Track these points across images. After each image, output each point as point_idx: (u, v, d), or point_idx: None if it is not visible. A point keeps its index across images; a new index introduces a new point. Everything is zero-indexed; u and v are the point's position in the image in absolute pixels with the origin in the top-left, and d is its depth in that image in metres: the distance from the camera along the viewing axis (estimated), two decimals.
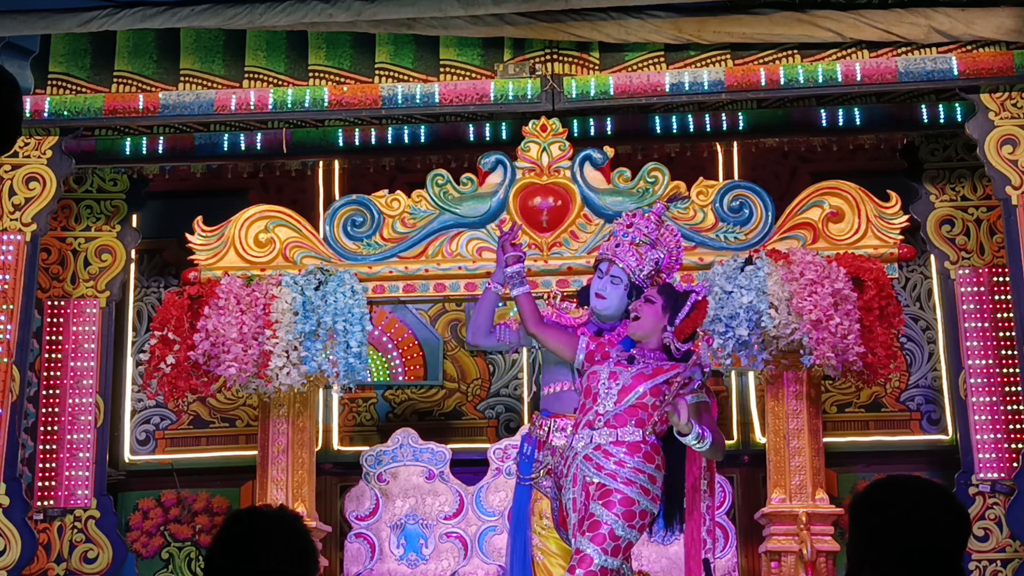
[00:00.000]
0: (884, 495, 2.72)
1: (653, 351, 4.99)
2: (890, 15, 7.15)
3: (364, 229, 7.10)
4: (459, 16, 7.20)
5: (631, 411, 4.88)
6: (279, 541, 2.70)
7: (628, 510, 4.78)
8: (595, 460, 4.85)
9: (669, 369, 4.94)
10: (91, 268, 7.94)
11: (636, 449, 4.85)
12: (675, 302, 4.99)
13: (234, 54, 7.46)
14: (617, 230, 5.42)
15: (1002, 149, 7.04)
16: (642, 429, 4.86)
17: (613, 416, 4.87)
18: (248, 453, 7.62)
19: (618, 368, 4.97)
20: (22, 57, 7.51)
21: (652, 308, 4.96)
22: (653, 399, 4.88)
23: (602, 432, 4.87)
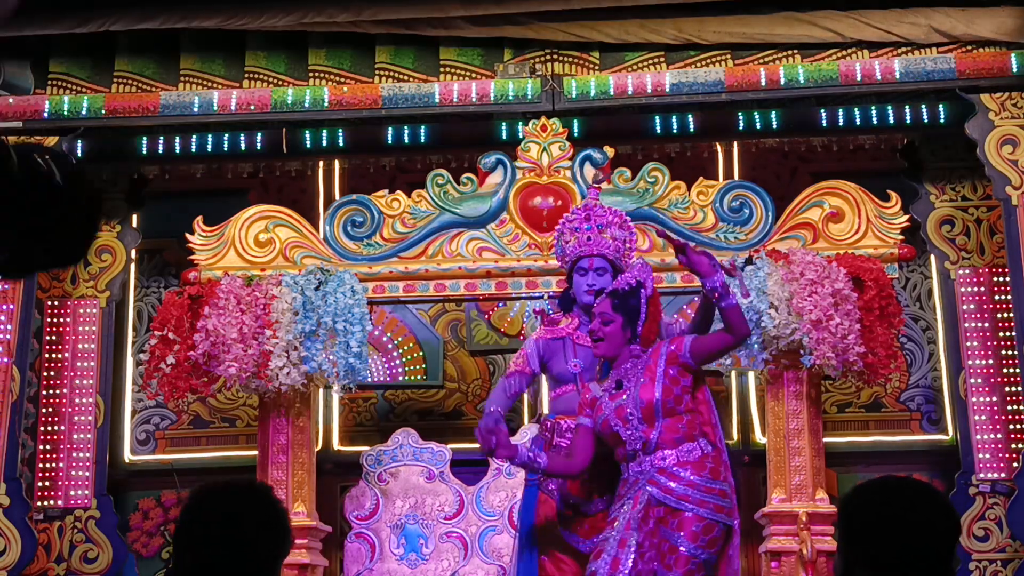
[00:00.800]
0: (877, 496, 2.72)
1: (627, 361, 4.92)
2: (890, 15, 7.16)
3: (364, 229, 7.10)
4: (459, 16, 7.21)
5: (670, 427, 4.78)
6: (248, 513, 2.66)
7: (710, 537, 4.73)
8: (661, 483, 4.77)
9: (654, 357, 4.86)
10: (91, 268, 7.94)
11: (701, 467, 4.77)
12: (630, 310, 4.90)
13: (234, 54, 7.47)
14: (575, 226, 5.40)
15: (1002, 149, 7.04)
16: (696, 441, 4.78)
17: (659, 439, 4.78)
18: (248, 453, 7.62)
19: (617, 401, 4.87)
20: (22, 57, 7.52)
21: (613, 327, 4.90)
22: (671, 397, 4.79)
23: (659, 455, 4.78)
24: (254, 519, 2.65)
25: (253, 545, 2.63)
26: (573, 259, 5.37)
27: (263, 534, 2.65)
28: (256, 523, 2.65)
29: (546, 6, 7.18)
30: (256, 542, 2.64)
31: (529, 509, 5.30)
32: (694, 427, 4.81)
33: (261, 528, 2.65)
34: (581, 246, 5.35)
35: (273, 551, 2.67)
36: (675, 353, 4.84)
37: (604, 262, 5.34)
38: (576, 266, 5.36)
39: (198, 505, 2.69)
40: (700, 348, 4.85)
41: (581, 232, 5.36)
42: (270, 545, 2.66)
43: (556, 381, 5.42)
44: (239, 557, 2.61)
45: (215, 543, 2.62)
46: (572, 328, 5.39)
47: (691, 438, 4.79)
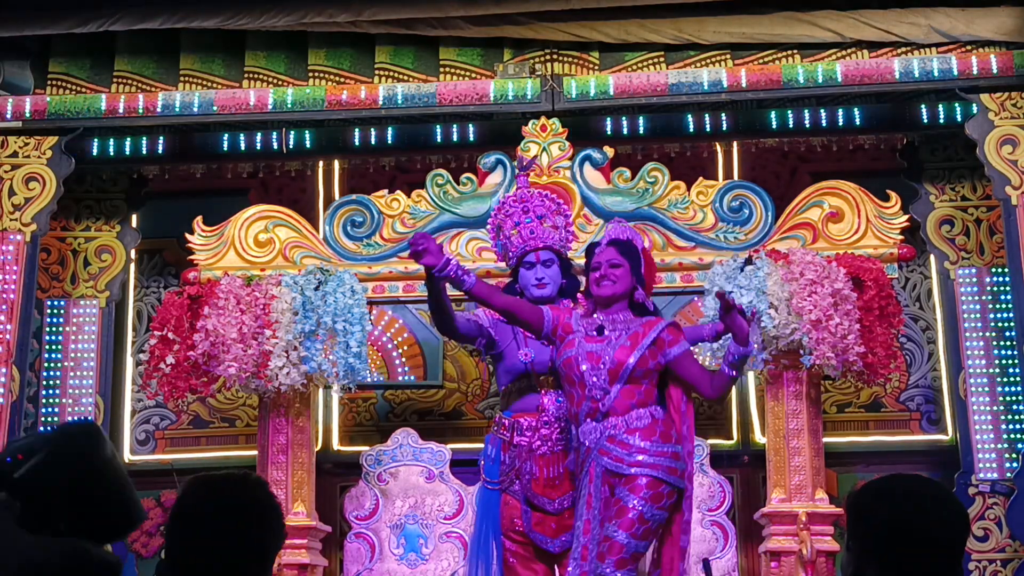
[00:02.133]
0: (889, 494, 2.70)
1: (619, 312, 4.97)
2: (890, 15, 7.15)
3: (364, 229, 7.10)
4: (459, 16, 7.21)
5: (627, 392, 4.86)
6: (241, 505, 2.65)
7: (655, 492, 4.78)
8: (613, 453, 4.83)
9: (646, 329, 4.91)
10: (91, 268, 7.94)
11: (651, 432, 4.84)
12: (634, 260, 5.00)
13: (234, 54, 7.47)
14: (515, 220, 5.35)
15: (1002, 149, 7.04)
16: (647, 408, 4.86)
17: (614, 402, 4.84)
18: (248, 453, 7.62)
19: (592, 344, 4.91)
20: (22, 57, 7.52)
21: (622, 271, 4.96)
22: (643, 368, 4.86)
23: (610, 422, 4.85)
24: (246, 510, 2.65)
25: (245, 536, 2.62)
26: (519, 254, 5.30)
27: (255, 526, 2.64)
28: (248, 515, 2.64)
29: (546, 6, 7.18)
30: (248, 534, 2.63)
31: (491, 511, 5.19)
32: (649, 396, 4.89)
33: (253, 520, 2.64)
34: (526, 240, 5.30)
35: (265, 544, 2.66)
36: (663, 342, 4.91)
37: (550, 253, 5.31)
38: (523, 260, 5.29)
39: (190, 495, 2.69)
40: (684, 366, 4.95)
41: (523, 226, 5.31)
42: (262, 537, 2.65)
43: (507, 373, 5.32)
44: (230, 548, 2.61)
45: (206, 534, 2.61)
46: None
47: (643, 405, 4.86)
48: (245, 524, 2.63)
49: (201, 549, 2.61)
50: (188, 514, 2.66)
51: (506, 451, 5.18)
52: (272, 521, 2.69)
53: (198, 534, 2.62)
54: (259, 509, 2.66)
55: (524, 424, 5.16)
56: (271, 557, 2.68)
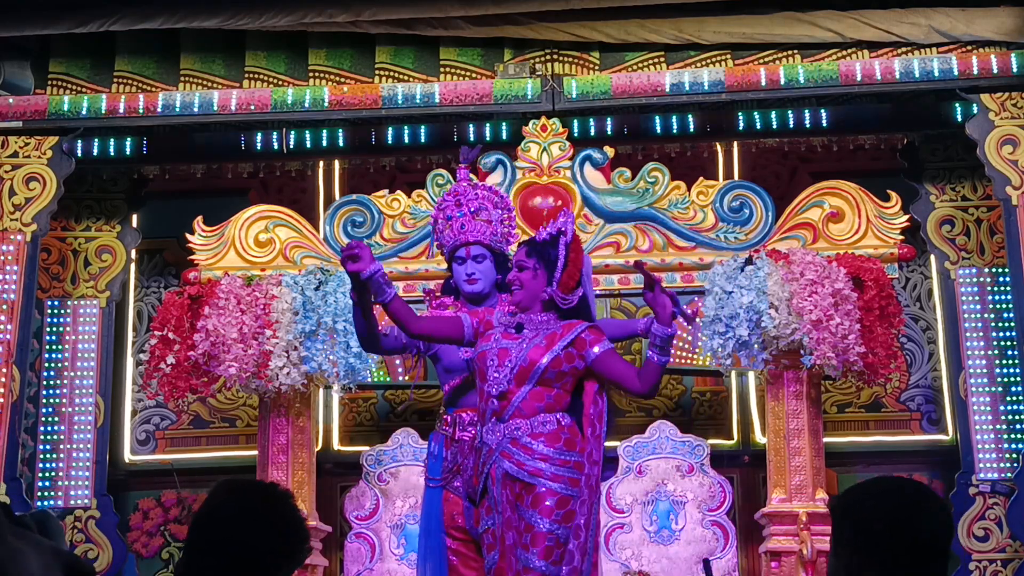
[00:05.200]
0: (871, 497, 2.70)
1: (540, 313, 4.74)
2: (890, 15, 7.16)
3: (364, 229, 7.10)
4: (459, 16, 7.21)
5: (536, 395, 4.64)
6: (266, 517, 2.63)
7: (565, 511, 4.55)
8: (514, 456, 4.63)
9: (565, 331, 4.68)
10: (91, 268, 7.94)
11: (555, 439, 4.61)
12: (547, 256, 4.72)
13: (234, 54, 7.48)
14: (448, 214, 5.21)
15: (1002, 149, 7.04)
16: (554, 413, 4.63)
17: (521, 404, 4.64)
18: (248, 453, 7.62)
19: (507, 341, 4.71)
20: (22, 57, 7.52)
21: (527, 274, 4.72)
22: (556, 370, 4.64)
23: (514, 424, 4.64)
24: (270, 521, 2.63)
25: (264, 547, 2.61)
26: (451, 248, 5.19)
27: (278, 538, 2.63)
28: (273, 526, 2.63)
29: (546, 6, 7.18)
30: (268, 545, 2.61)
31: (434, 509, 5.12)
32: (559, 402, 4.65)
33: (277, 531, 2.63)
34: (456, 235, 5.18)
35: (283, 557, 2.64)
36: (584, 343, 4.66)
37: (481, 248, 5.18)
38: (454, 255, 5.19)
39: (217, 498, 2.68)
40: (607, 364, 4.67)
41: (454, 220, 5.19)
42: (282, 550, 2.63)
43: (447, 372, 5.21)
44: (248, 557, 2.60)
45: (228, 538, 2.60)
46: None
47: (551, 410, 4.64)
48: (267, 534, 2.61)
49: (220, 553, 2.60)
50: (212, 516, 2.65)
51: (448, 447, 5.09)
52: (299, 535, 2.66)
53: (219, 538, 2.61)
54: (284, 521, 2.64)
55: (467, 419, 5.05)
56: (290, 570, 2.66)
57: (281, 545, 2.64)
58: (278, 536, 2.63)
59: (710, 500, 7.18)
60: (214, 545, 2.61)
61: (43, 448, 7.64)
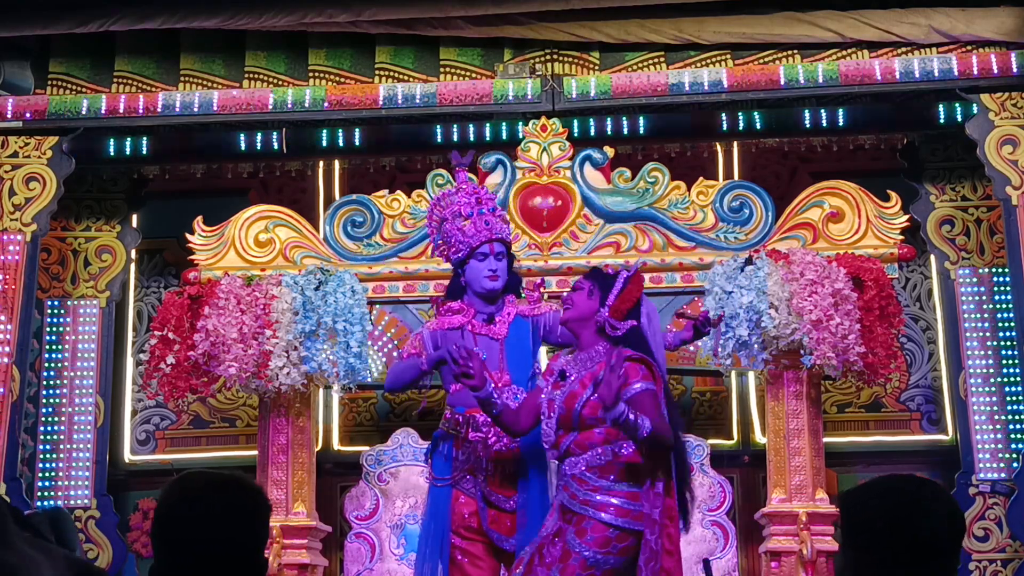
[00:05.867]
0: (881, 496, 2.69)
1: (591, 344, 4.74)
2: (890, 15, 7.16)
3: (364, 229, 7.10)
4: (459, 16, 7.21)
5: (586, 436, 4.63)
6: (221, 509, 2.61)
7: (602, 536, 4.54)
8: (571, 488, 4.64)
9: (599, 369, 4.63)
10: (91, 268, 7.94)
11: (609, 470, 4.60)
12: (603, 282, 4.77)
13: (234, 54, 7.48)
14: (465, 212, 5.25)
15: (1002, 149, 7.04)
16: (611, 445, 4.60)
17: (571, 446, 4.64)
18: (248, 453, 7.62)
19: (555, 391, 4.73)
20: (22, 57, 7.52)
21: (580, 294, 4.77)
22: (594, 416, 4.60)
23: (570, 461, 4.66)
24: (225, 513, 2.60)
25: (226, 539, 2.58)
26: (473, 244, 5.21)
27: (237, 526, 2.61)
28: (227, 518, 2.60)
29: (546, 6, 7.18)
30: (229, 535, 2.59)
31: (441, 509, 5.12)
32: (615, 434, 4.60)
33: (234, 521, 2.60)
34: (480, 231, 5.22)
35: (251, 539, 2.62)
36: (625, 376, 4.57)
37: (502, 246, 5.25)
38: (475, 252, 5.21)
39: (168, 503, 2.65)
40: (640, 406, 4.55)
41: (476, 217, 5.23)
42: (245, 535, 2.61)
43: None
44: (216, 552, 2.58)
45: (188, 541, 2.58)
46: (468, 318, 5.25)
47: (606, 443, 4.62)
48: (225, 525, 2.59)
49: (186, 552, 2.58)
50: (168, 517, 2.63)
51: (459, 447, 5.11)
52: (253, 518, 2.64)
53: (180, 538, 2.59)
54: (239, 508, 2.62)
55: (480, 419, 5.07)
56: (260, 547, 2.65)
57: (242, 531, 2.62)
58: (237, 524, 2.61)
59: (710, 500, 7.19)
60: (176, 546, 2.60)
61: (43, 448, 7.64)
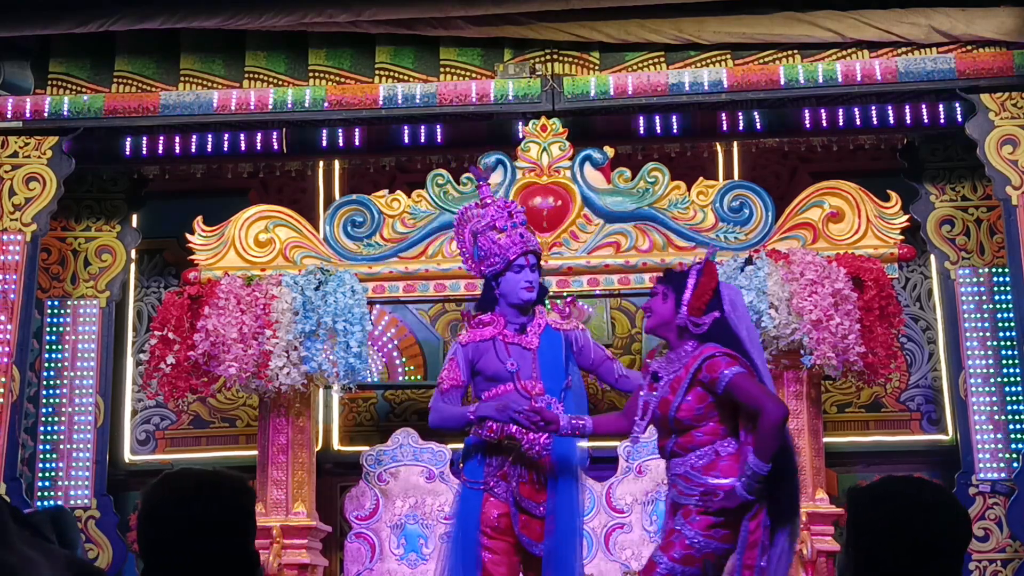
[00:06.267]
0: (887, 498, 2.69)
1: (678, 345, 4.74)
2: (890, 15, 7.16)
3: (364, 229, 7.10)
4: (459, 16, 7.21)
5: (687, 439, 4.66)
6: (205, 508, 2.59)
7: (706, 521, 4.57)
8: (679, 486, 4.70)
9: (685, 372, 4.65)
10: (91, 268, 7.94)
11: (712, 468, 4.63)
12: (676, 283, 4.76)
13: (234, 54, 7.48)
14: (500, 225, 5.28)
15: (1002, 149, 7.04)
16: (713, 444, 4.64)
17: (674, 448, 4.70)
18: (248, 453, 7.62)
19: (649, 395, 4.78)
20: (22, 57, 7.53)
21: (655, 300, 4.79)
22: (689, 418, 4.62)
23: (674, 463, 4.71)
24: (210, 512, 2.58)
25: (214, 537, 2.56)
26: (510, 257, 5.24)
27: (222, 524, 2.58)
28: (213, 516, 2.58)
29: (546, 6, 7.18)
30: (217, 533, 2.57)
31: (472, 512, 5.13)
32: (716, 433, 4.64)
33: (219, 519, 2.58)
34: (516, 243, 5.25)
35: (239, 536, 2.60)
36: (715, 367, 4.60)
37: (535, 258, 5.28)
38: (512, 264, 5.24)
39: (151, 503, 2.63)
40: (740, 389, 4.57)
41: (510, 230, 5.28)
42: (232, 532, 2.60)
43: (491, 381, 5.23)
44: (203, 551, 2.56)
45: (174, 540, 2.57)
46: (499, 329, 5.26)
47: (705, 444, 4.66)
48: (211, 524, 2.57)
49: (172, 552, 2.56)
50: (152, 518, 2.60)
51: (493, 454, 5.15)
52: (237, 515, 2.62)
53: (165, 538, 2.57)
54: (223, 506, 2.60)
55: (514, 428, 5.10)
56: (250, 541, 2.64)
57: (229, 526, 2.60)
58: (223, 519, 2.59)
59: None
60: (162, 546, 2.58)
61: (43, 448, 7.64)
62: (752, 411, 4.55)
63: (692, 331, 4.69)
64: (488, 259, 5.29)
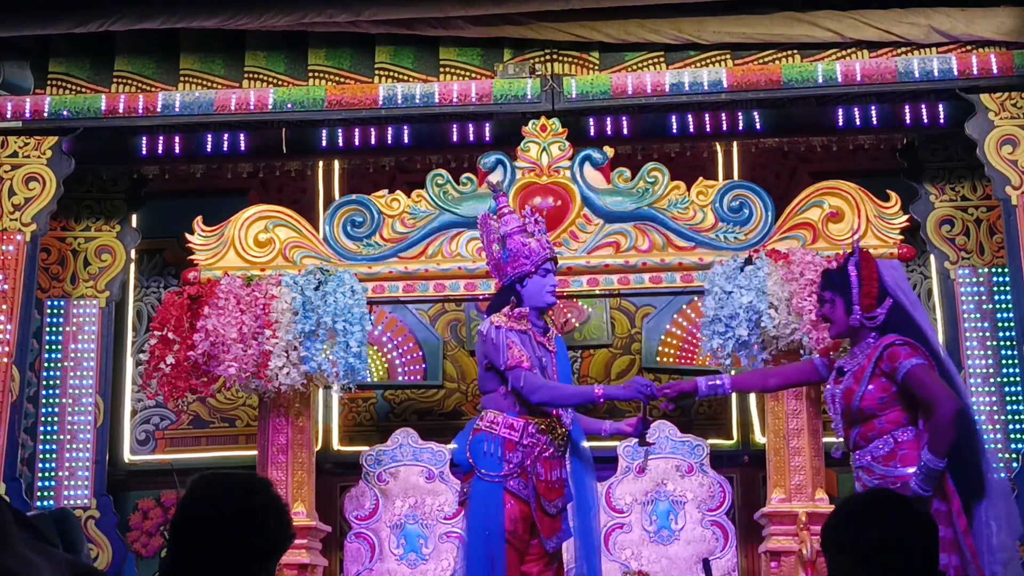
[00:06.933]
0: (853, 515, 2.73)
1: (862, 340, 4.85)
2: (890, 15, 7.16)
3: (364, 229, 7.10)
4: (459, 16, 7.21)
5: (868, 428, 4.76)
6: (245, 511, 2.61)
7: None
8: (862, 479, 4.81)
9: (867, 362, 4.77)
10: (91, 268, 7.94)
11: (891, 458, 4.72)
12: (840, 286, 4.86)
13: (234, 54, 7.48)
14: (530, 230, 5.42)
15: (1002, 149, 7.04)
16: (892, 433, 4.72)
17: (856, 439, 4.80)
18: (248, 453, 7.63)
19: (834, 388, 4.89)
20: (22, 57, 7.52)
21: (827, 308, 4.91)
22: (871, 407, 4.73)
23: (858, 455, 4.82)
24: (249, 512, 2.61)
25: (245, 538, 2.59)
26: (539, 261, 5.35)
27: (257, 527, 2.60)
28: (251, 516, 2.61)
29: (546, 6, 7.18)
30: (249, 535, 2.60)
31: (498, 507, 5.12)
32: (895, 423, 4.75)
33: (256, 522, 2.61)
34: (544, 248, 5.40)
35: (266, 546, 2.63)
36: (895, 357, 4.71)
37: (555, 265, 5.48)
38: (540, 267, 5.36)
39: (193, 495, 2.66)
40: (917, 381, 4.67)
41: (537, 235, 5.42)
42: (263, 539, 2.61)
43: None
44: (230, 549, 2.58)
45: (207, 534, 2.59)
46: (529, 326, 5.32)
47: (885, 433, 4.76)
48: (247, 525, 2.59)
49: (201, 549, 2.59)
50: (190, 514, 2.64)
51: (511, 450, 5.15)
52: (274, 523, 2.64)
53: (199, 534, 2.60)
54: (262, 511, 2.63)
55: (533, 427, 5.17)
56: (273, 559, 2.65)
57: (263, 538, 2.62)
58: (259, 529, 2.61)
59: (710, 500, 7.19)
60: (196, 544, 2.59)
61: (43, 448, 7.64)
62: (926, 403, 4.65)
63: (869, 326, 4.81)
64: (516, 260, 5.39)
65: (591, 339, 8.13)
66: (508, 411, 5.24)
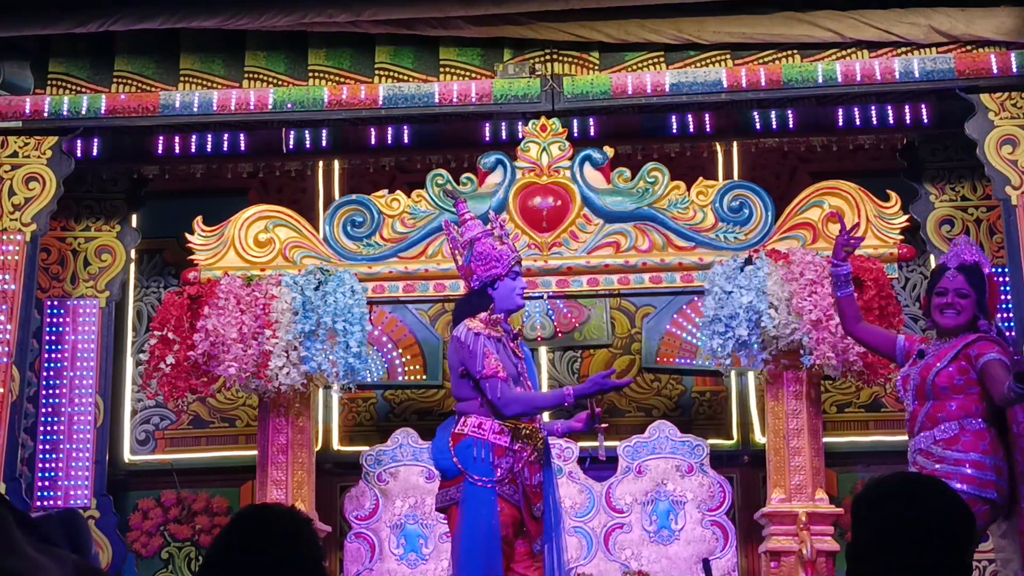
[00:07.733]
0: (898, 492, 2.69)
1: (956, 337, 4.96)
2: (890, 15, 7.15)
3: (364, 229, 7.10)
4: (459, 16, 7.21)
5: (937, 408, 4.89)
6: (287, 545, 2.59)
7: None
8: (919, 463, 4.91)
9: (957, 343, 4.91)
10: (91, 268, 7.94)
11: (954, 442, 4.85)
12: (981, 288, 4.99)
13: (234, 54, 7.47)
14: (499, 233, 5.44)
15: (1002, 149, 7.04)
16: (959, 420, 4.85)
17: (924, 419, 4.90)
18: (248, 453, 7.62)
19: (909, 369, 5.01)
20: (22, 57, 7.52)
21: (969, 300, 4.98)
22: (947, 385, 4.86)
23: (921, 436, 4.92)
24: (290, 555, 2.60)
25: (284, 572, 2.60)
26: (511, 264, 5.35)
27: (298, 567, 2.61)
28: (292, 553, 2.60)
29: (546, 6, 7.18)
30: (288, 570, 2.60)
31: (492, 512, 5.11)
32: (965, 410, 4.86)
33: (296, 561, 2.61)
34: (513, 251, 5.43)
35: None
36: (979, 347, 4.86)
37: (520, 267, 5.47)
38: (511, 269, 5.36)
39: (235, 533, 2.64)
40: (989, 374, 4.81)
41: (506, 239, 5.46)
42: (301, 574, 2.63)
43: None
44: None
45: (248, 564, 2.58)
46: (501, 332, 5.31)
47: (953, 418, 4.87)
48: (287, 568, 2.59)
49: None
50: (232, 548, 2.62)
51: (501, 455, 5.14)
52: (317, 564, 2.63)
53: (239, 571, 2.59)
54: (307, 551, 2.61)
55: (523, 431, 5.16)
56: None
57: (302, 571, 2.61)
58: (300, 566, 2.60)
59: (710, 500, 7.19)
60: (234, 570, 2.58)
61: (43, 448, 7.64)
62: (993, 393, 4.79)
63: (983, 331, 4.94)
64: (487, 263, 5.34)
65: (591, 339, 8.13)
66: (489, 417, 5.21)
